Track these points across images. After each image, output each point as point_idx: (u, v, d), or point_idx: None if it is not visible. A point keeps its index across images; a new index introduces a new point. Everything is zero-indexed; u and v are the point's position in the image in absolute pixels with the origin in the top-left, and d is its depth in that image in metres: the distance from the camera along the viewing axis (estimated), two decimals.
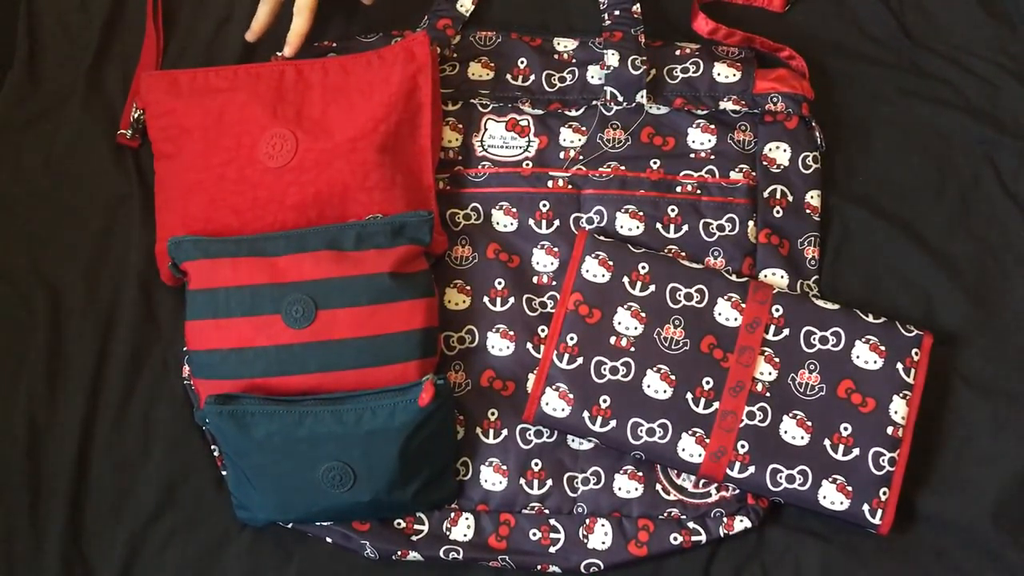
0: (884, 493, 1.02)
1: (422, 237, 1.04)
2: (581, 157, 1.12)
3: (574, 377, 1.04)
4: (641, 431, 1.03)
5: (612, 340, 1.05)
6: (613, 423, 1.04)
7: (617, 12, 1.14)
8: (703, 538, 1.04)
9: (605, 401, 1.04)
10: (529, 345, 1.07)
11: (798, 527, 1.06)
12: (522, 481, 1.05)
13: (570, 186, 1.11)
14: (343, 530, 1.03)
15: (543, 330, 1.08)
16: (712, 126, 1.13)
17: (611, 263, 1.07)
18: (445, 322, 1.08)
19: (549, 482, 1.05)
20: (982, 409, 1.08)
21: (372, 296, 1.01)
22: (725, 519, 1.04)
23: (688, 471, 1.04)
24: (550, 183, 1.11)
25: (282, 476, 1.00)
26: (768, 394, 1.04)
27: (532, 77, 1.14)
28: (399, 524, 1.04)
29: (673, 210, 1.11)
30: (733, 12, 1.21)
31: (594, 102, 1.13)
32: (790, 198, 1.12)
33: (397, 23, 1.17)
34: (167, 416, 1.07)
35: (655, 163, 1.12)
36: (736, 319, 1.06)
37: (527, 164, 1.12)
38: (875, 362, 1.05)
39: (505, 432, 1.06)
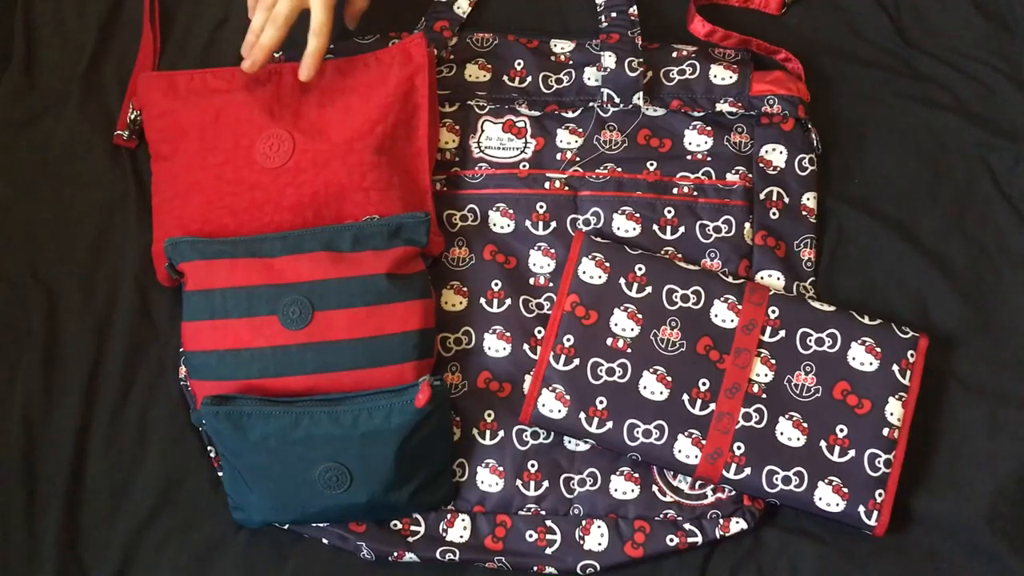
0: (880, 494, 1.02)
1: (419, 238, 1.04)
2: (578, 159, 1.12)
3: (570, 378, 1.04)
4: (637, 432, 1.04)
5: (609, 341, 1.05)
6: (609, 424, 1.04)
7: (614, 14, 1.14)
8: (699, 539, 1.04)
9: (601, 402, 1.04)
10: (526, 346, 1.08)
11: (794, 528, 1.06)
12: (518, 482, 1.05)
13: (567, 188, 1.11)
14: (339, 531, 1.03)
15: (540, 331, 1.08)
16: (708, 128, 1.13)
17: (608, 264, 1.07)
18: (442, 323, 1.08)
19: (545, 483, 1.05)
20: (977, 410, 1.08)
21: (369, 297, 1.01)
22: (721, 520, 1.04)
23: (684, 472, 1.04)
24: (547, 185, 1.11)
25: (278, 477, 0.99)
26: (764, 395, 1.04)
27: (529, 79, 1.14)
28: (395, 525, 1.04)
29: (670, 212, 1.11)
30: (730, 14, 1.21)
31: (591, 104, 1.13)
32: (786, 200, 1.12)
33: (394, 25, 1.17)
34: (163, 417, 1.07)
35: (651, 165, 1.12)
36: (732, 321, 1.06)
37: (524, 166, 1.12)
38: (871, 364, 1.05)
39: (502, 433, 1.06)
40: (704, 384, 1.04)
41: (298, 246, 1.02)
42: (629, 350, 1.05)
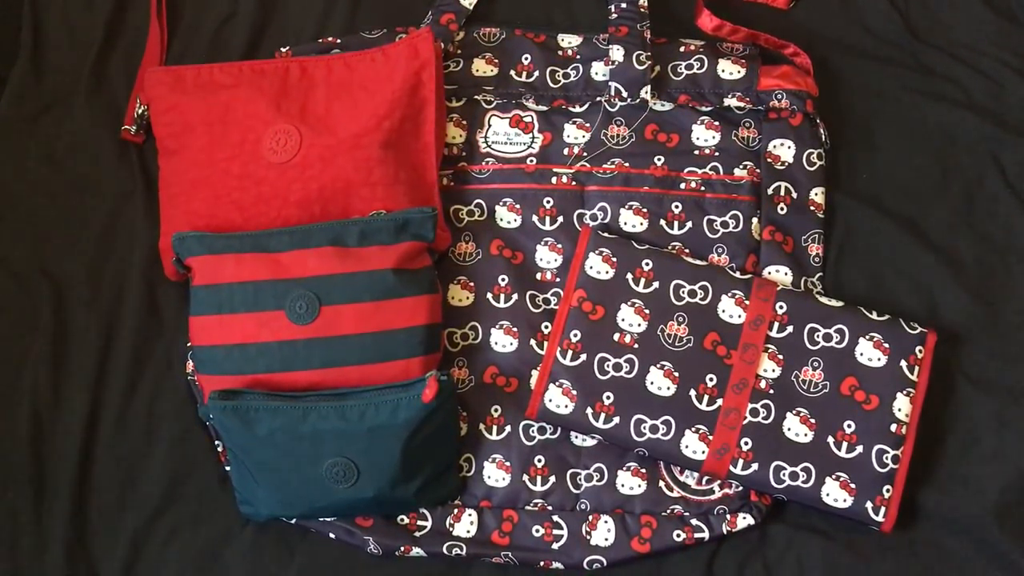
0: (887, 490, 1.02)
1: (425, 233, 1.04)
2: (585, 154, 1.12)
3: (577, 374, 1.04)
4: (644, 428, 1.03)
5: (615, 337, 1.05)
6: (616, 420, 1.04)
7: (624, 5, 1.14)
8: (706, 535, 1.04)
9: (608, 398, 1.04)
10: (532, 341, 1.07)
11: (801, 524, 1.06)
12: (525, 477, 1.05)
13: (574, 183, 1.11)
14: (346, 526, 1.03)
15: (546, 326, 1.08)
16: (716, 123, 1.13)
17: (615, 260, 1.07)
18: (448, 318, 1.08)
19: (552, 479, 1.05)
20: (985, 406, 1.08)
21: (375, 292, 1.01)
22: (728, 516, 1.04)
23: (691, 468, 1.04)
24: (554, 180, 1.11)
25: (285, 472, 1.00)
26: (771, 391, 1.04)
27: (536, 73, 1.14)
28: (402, 520, 1.04)
29: (677, 207, 1.11)
30: (737, 9, 1.21)
31: (598, 99, 1.13)
32: (794, 195, 1.12)
33: (401, 19, 1.17)
34: (170, 412, 1.07)
35: (659, 160, 1.12)
36: (740, 316, 1.06)
37: (531, 160, 1.12)
38: (879, 359, 1.05)
39: (508, 428, 1.06)
40: (711, 380, 1.04)
41: (305, 241, 1.02)
42: (636, 345, 1.05)
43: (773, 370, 1.05)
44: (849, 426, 1.03)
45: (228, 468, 1.05)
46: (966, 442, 1.07)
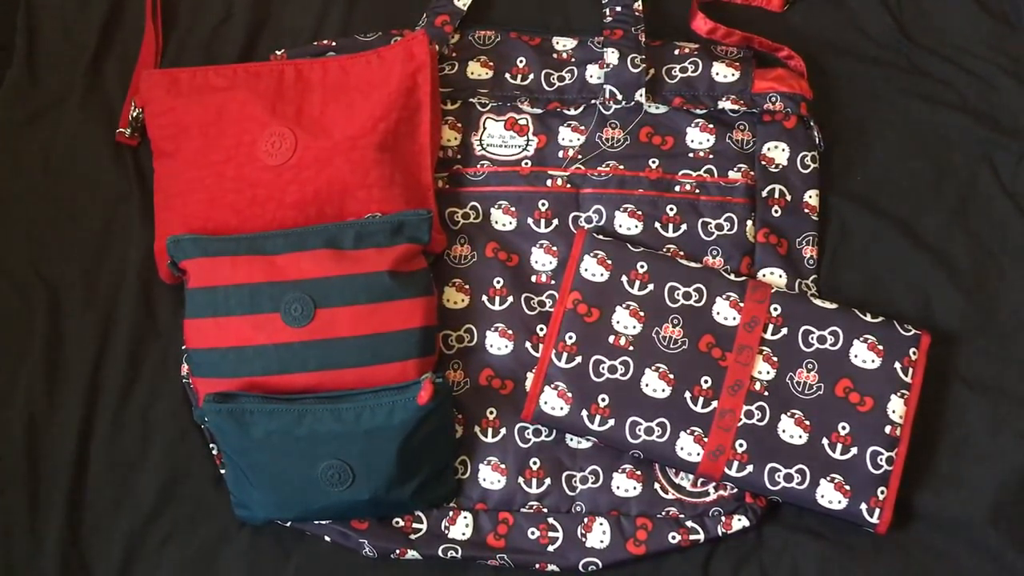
0: (882, 492, 1.03)
1: (421, 236, 1.04)
2: (580, 156, 1.12)
3: (573, 376, 1.04)
4: (639, 430, 1.04)
5: (611, 339, 1.05)
6: (611, 422, 1.04)
7: (619, 8, 1.14)
8: (701, 537, 1.04)
9: (604, 400, 1.04)
10: (528, 344, 1.08)
11: (796, 526, 1.06)
12: (521, 480, 1.05)
13: (569, 185, 1.11)
14: (342, 528, 1.03)
15: (542, 329, 1.08)
16: (711, 125, 1.13)
17: (610, 262, 1.07)
18: (444, 321, 1.08)
19: (548, 481, 1.05)
20: (980, 408, 1.08)
21: (371, 295, 1.01)
22: (723, 518, 1.04)
23: (686, 470, 1.04)
24: (549, 182, 1.11)
25: (281, 474, 1.00)
26: (766, 393, 1.04)
27: (531, 76, 1.14)
28: (398, 523, 1.04)
29: (672, 209, 1.11)
30: (732, 12, 1.21)
31: (593, 101, 1.13)
32: (788, 197, 1.12)
33: (396, 22, 1.17)
34: (166, 414, 1.07)
35: (654, 162, 1.12)
36: (734, 318, 1.06)
37: (526, 163, 1.12)
38: (873, 361, 1.05)
39: (504, 431, 1.06)
40: (706, 381, 1.04)
41: (300, 243, 1.02)
42: (631, 347, 1.05)
43: (768, 372, 1.05)
44: (843, 428, 1.04)
45: (223, 471, 1.05)
46: (960, 443, 1.07)
